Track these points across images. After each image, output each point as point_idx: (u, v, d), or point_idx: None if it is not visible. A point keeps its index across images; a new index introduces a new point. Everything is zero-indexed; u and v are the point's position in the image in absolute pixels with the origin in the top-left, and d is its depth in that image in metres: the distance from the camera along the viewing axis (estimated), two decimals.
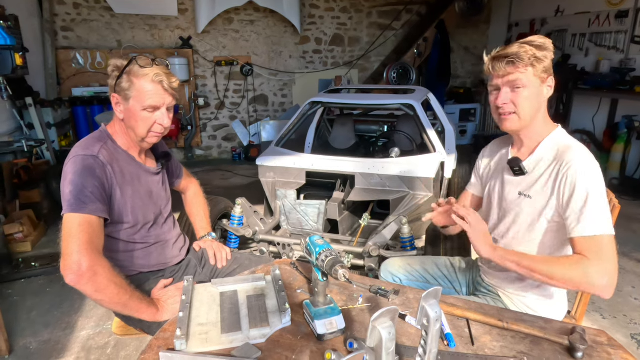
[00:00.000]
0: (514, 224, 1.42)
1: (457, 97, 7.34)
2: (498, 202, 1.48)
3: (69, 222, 1.24)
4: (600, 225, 1.19)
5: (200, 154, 7.01)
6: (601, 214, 1.20)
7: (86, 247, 1.22)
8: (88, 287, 1.22)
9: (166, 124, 1.43)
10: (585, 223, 1.21)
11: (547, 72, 1.30)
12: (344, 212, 3.10)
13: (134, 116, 1.38)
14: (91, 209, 1.26)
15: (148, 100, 1.36)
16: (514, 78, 1.29)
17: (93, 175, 1.30)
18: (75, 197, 1.25)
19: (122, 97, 1.37)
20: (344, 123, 4.27)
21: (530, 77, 1.29)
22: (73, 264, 1.19)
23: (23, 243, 3.45)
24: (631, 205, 4.39)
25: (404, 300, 1.29)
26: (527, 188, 1.37)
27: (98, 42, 6.04)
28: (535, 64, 1.27)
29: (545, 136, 1.35)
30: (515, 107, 1.31)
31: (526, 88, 1.29)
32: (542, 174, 1.33)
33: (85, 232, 1.23)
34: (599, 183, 1.23)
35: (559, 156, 1.29)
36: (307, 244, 1.17)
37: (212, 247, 1.76)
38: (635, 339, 2.39)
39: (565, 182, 1.25)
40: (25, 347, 2.33)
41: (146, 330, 1.49)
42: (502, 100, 1.32)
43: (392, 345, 0.75)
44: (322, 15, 7.02)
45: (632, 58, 5.24)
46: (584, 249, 1.20)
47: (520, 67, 1.27)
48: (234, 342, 1.07)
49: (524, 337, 1.10)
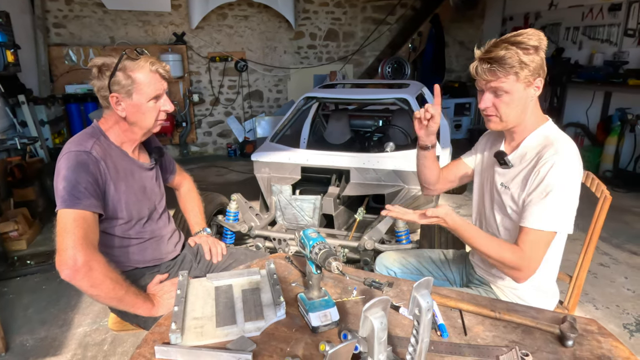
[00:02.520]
0: (498, 214, 1.44)
1: (451, 92, 7.35)
2: (489, 190, 1.50)
3: (64, 217, 1.24)
4: (544, 222, 1.24)
5: (196, 150, 6.99)
6: (556, 211, 1.23)
7: (81, 242, 1.22)
8: (84, 282, 1.22)
9: (170, 109, 1.46)
10: (534, 215, 1.25)
11: (534, 75, 1.25)
12: (339, 207, 3.11)
13: (139, 110, 1.38)
14: (85, 204, 1.26)
15: (151, 90, 1.38)
16: (495, 85, 1.26)
17: (86, 170, 1.29)
18: (68, 192, 1.25)
19: (123, 94, 1.36)
20: (339, 118, 4.28)
21: (512, 84, 1.25)
22: (68, 259, 1.20)
23: (18, 241, 3.44)
24: (624, 197, 4.43)
25: (398, 292, 1.30)
26: (508, 180, 1.39)
27: (91, 39, 6.00)
28: (519, 71, 1.23)
29: (532, 131, 1.35)
30: (497, 111, 1.31)
31: (509, 94, 1.26)
32: (524, 168, 1.34)
33: (80, 228, 1.23)
34: (566, 181, 1.24)
35: (541, 151, 1.30)
36: (301, 237, 1.18)
37: (207, 242, 1.76)
38: (627, 328, 2.42)
39: (537, 177, 1.27)
40: (22, 345, 2.33)
41: (142, 326, 1.49)
42: (483, 104, 1.32)
43: (384, 334, 0.76)
44: (317, 10, 7.00)
45: (625, 51, 5.26)
46: (523, 238, 1.27)
47: (502, 76, 1.24)
48: (229, 335, 1.08)
49: (516, 326, 1.12)
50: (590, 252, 1.58)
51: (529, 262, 1.26)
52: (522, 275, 1.28)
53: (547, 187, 1.24)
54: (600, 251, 3.25)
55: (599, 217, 1.55)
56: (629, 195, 4.52)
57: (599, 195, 1.57)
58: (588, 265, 1.60)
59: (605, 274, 3.00)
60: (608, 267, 3.08)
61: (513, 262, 1.27)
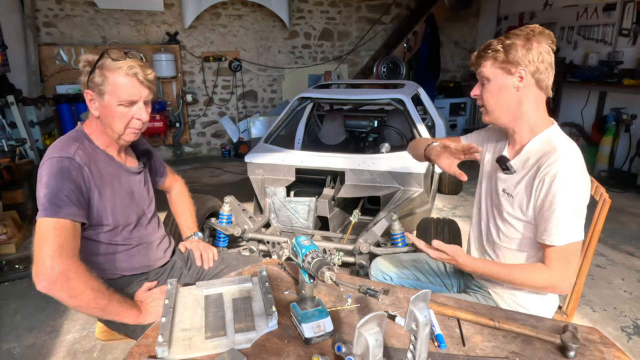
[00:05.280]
0: (498, 219, 1.41)
1: (447, 91, 7.33)
2: (490, 195, 1.46)
3: (42, 226, 1.20)
4: (568, 235, 1.22)
5: (189, 151, 6.92)
6: (570, 223, 1.21)
7: (59, 252, 1.17)
8: (62, 294, 1.18)
9: (144, 119, 1.37)
10: (553, 233, 1.23)
11: (514, 63, 1.23)
12: (334, 209, 3.07)
13: (109, 112, 1.32)
14: (66, 212, 1.21)
15: (123, 94, 1.31)
16: (479, 71, 1.31)
17: (69, 178, 1.24)
18: (49, 200, 1.21)
19: (95, 92, 1.31)
20: (334, 118, 4.24)
21: (490, 69, 1.28)
22: (45, 270, 1.15)
23: (7, 245, 3.36)
24: (620, 197, 4.42)
25: (394, 300, 1.26)
26: (510, 186, 1.36)
27: (82, 38, 5.91)
28: (497, 55, 1.25)
29: (536, 134, 1.32)
30: (482, 101, 1.33)
31: (490, 81, 1.29)
32: (526, 174, 1.30)
33: (58, 236, 1.19)
34: (574, 191, 1.21)
35: (542, 158, 1.26)
36: (293, 245, 1.14)
37: (198, 247, 1.71)
38: (625, 331, 2.40)
39: (542, 186, 1.24)
40: (8, 352, 2.27)
41: (130, 335, 1.45)
42: (472, 92, 1.36)
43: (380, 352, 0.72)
44: (311, 10, 6.95)
45: (620, 51, 5.26)
46: (548, 256, 1.26)
47: (483, 61, 1.29)
48: (219, 347, 1.04)
49: (516, 336, 1.08)
50: (589, 256, 1.55)
51: (562, 278, 1.25)
52: (561, 290, 1.28)
53: (556, 199, 1.21)
54: (596, 252, 3.23)
55: (597, 221, 1.52)
56: (624, 195, 4.52)
57: (598, 198, 1.53)
58: (587, 270, 1.56)
59: (602, 275, 2.98)
60: (604, 269, 3.06)
61: (545, 283, 1.27)
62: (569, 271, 1.25)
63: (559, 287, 1.27)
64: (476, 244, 1.55)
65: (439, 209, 4.24)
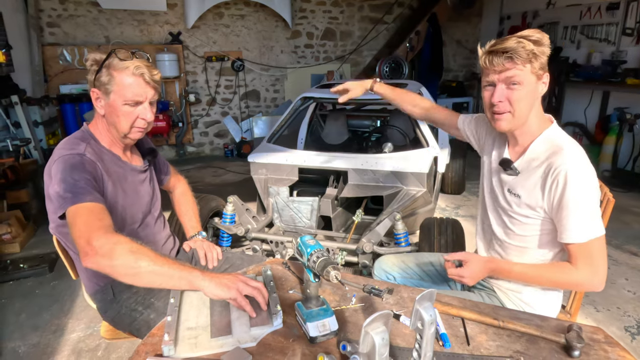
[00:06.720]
0: (504, 218, 1.41)
1: (449, 91, 7.32)
2: (494, 194, 1.46)
3: (71, 214, 1.17)
4: (588, 232, 1.21)
5: (192, 150, 6.94)
6: (589, 219, 1.21)
7: (97, 226, 1.13)
8: (110, 263, 1.10)
9: (149, 119, 1.38)
10: (574, 231, 1.22)
11: (543, 69, 1.25)
12: (337, 209, 3.08)
13: (115, 111, 1.33)
14: (89, 198, 1.19)
15: (129, 93, 1.32)
16: (511, 74, 1.22)
17: (83, 170, 1.24)
18: (70, 191, 1.19)
19: (102, 91, 1.32)
20: (337, 118, 4.24)
21: (527, 74, 1.22)
22: (84, 247, 1.11)
23: (11, 244, 3.38)
24: (623, 197, 4.41)
25: (398, 299, 1.26)
26: (516, 187, 1.35)
27: (85, 38, 5.93)
28: (533, 61, 1.21)
29: (538, 134, 1.31)
30: (511, 106, 1.26)
31: (522, 85, 1.23)
32: (534, 174, 1.30)
33: (90, 215, 1.16)
34: (588, 187, 1.21)
35: (551, 158, 1.26)
36: (298, 244, 1.14)
37: (202, 247, 1.72)
38: (628, 331, 2.39)
39: (556, 187, 1.23)
40: (13, 351, 2.29)
41: (135, 334, 1.45)
42: (497, 97, 1.26)
43: (386, 350, 0.73)
44: (314, 9, 6.95)
45: (623, 50, 5.24)
46: (573, 255, 1.25)
47: (519, 63, 1.21)
48: (224, 346, 1.04)
49: (520, 335, 1.08)
50: None
51: (590, 275, 1.24)
52: (593, 287, 1.27)
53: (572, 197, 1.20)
54: None
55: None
56: (628, 195, 4.50)
57: (602, 198, 1.53)
58: None
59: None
60: (608, 269, 3.04)
61: (573, 281, 1.28)
62: (597, 267, 1.24)
63: (588, 284, 1.26)
64: (484, 244, 1.55)
65: (441, 209, 4.24)
